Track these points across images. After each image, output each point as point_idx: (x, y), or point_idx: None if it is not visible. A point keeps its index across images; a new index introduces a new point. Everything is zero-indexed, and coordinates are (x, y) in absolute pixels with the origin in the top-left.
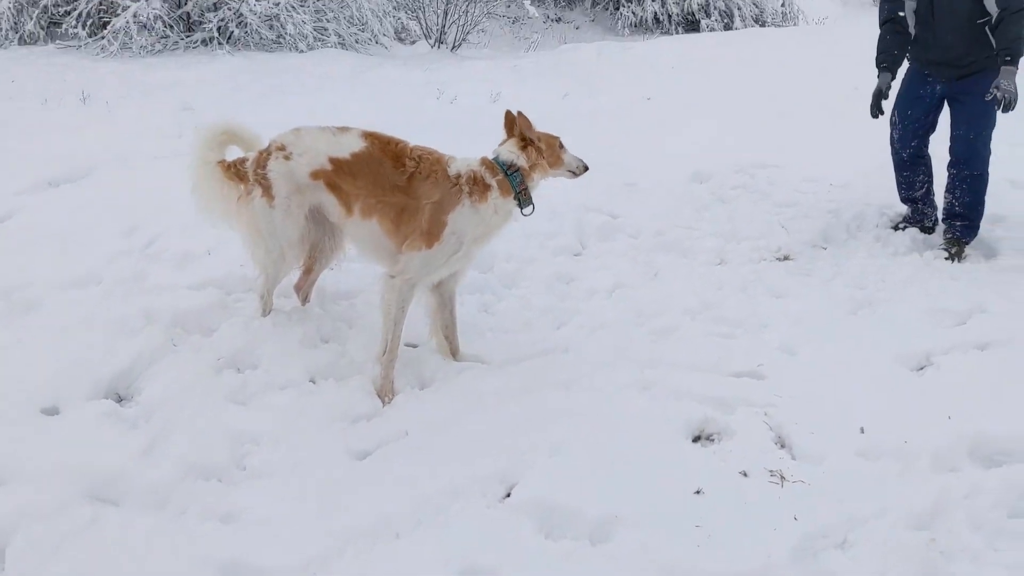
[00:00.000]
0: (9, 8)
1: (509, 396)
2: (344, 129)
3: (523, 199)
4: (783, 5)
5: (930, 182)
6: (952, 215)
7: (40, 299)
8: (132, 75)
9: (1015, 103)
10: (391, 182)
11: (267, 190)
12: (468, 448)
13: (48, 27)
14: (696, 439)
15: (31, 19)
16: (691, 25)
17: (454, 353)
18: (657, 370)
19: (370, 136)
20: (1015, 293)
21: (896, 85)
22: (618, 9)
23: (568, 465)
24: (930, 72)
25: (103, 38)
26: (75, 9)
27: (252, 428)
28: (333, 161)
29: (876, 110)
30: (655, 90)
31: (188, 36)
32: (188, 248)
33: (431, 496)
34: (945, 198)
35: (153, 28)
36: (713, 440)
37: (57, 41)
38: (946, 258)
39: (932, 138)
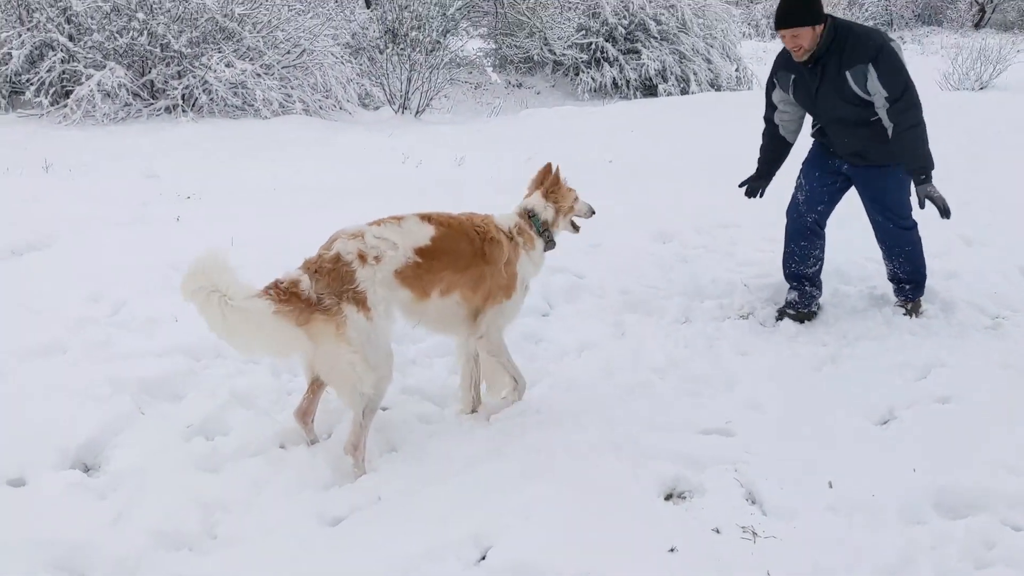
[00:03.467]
0: None
1: (481, 458)
2: (400, 217)
3: (547, 242)
4: (737, 70)
5: (823, 260)
6: (897, 279)
7: (4, 368)
8: (95, 143)
9: (948, 204)
10: (470, 254)
11: (362, 303)
12: (442, 511)
13: (9, 96)
14: (668, 497)
15: None
16: (649, 90)
17: (476, 407)
18: (628, 429)
19: (427, 217)
20: (972, 347)
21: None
22: (578, 75)
23: (542, 526)
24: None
25: (66, 106)
26: (37, 77)
27: (223, 495)
28: (418, 251)
29: (750, 192)
30: (615, 153)
31: (151, 104)
32: (154, 314)
33: (405, 560)
34: (886, 264)
35: (117, 96)
36: (685, 498)
37: (19, 110)
38: (904, 314)
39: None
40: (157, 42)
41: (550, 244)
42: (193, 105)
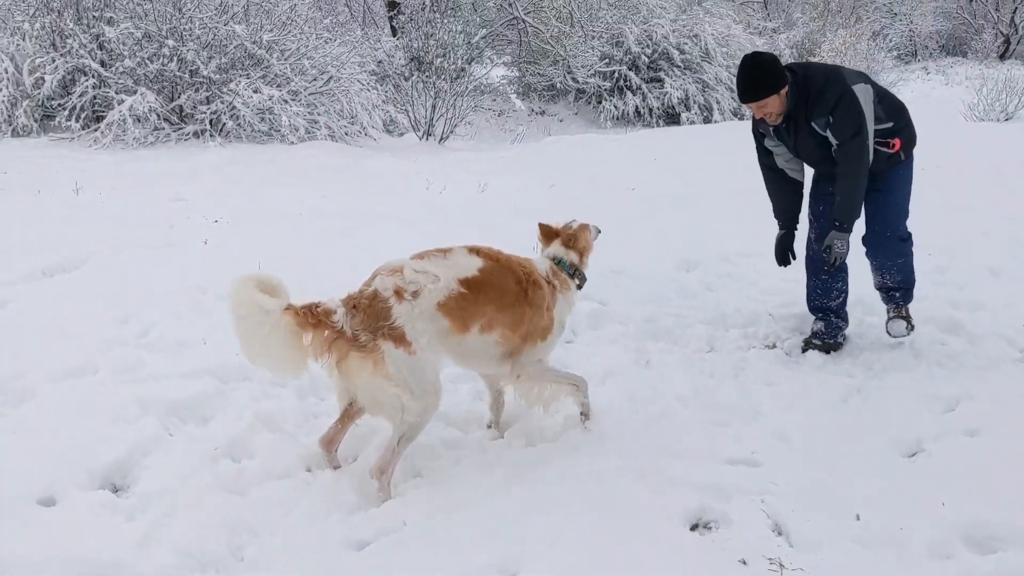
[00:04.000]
0: (3, 102)
1: (506, 485)
2: (446, 250)
3: (580, 282)
4: None
5: (847, 292)
6: (886, 288)
7: (35, 389)
8: (124, 166)
9: (841, 260)
10: (515, 293)
11: (400, 339)
12: (467, 538)
13: (41, 120)
14: (694, 527)
15: (25, 112)
16: (671, 118)
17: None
18: (652, 457)
19: (475, 250)
20: (1000, 379)
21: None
22: (600, 103)
23: (568, 555)
24: None
25: (96, 130)
26: (69, 102)
27: (249, 518)
28: (464, 282)
29: (781, 261)
30: (638, 180)
31: (180, 128)
32: (182, 337)
33: None
34: (875, 276)
35: (147, 121)
36: (711, 528)
37: (50, 134)
38: (906, 328)
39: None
40: (187, 68)
41: (581, 280)
42: (221, 130)
